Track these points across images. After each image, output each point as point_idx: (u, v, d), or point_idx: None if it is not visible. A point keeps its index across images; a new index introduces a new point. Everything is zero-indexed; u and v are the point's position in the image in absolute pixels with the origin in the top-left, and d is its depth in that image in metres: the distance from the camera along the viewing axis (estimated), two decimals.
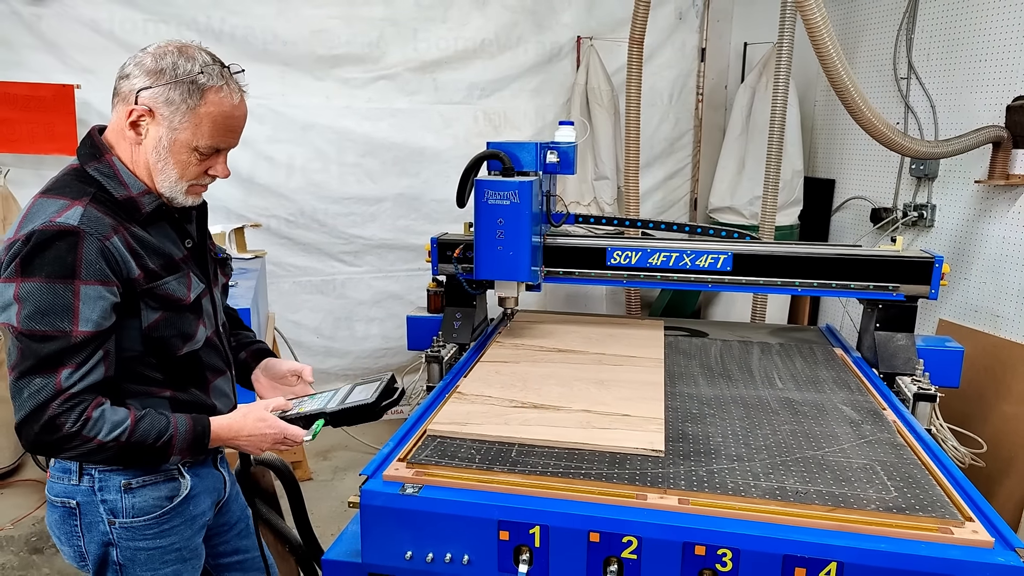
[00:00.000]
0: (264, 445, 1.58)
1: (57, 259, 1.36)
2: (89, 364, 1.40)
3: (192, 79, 1.44)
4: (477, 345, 2.65)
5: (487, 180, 2.39)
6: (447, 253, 2.73)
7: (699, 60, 5.14)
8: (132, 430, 1.43)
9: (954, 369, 2.60)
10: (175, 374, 1.57)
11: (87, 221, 1.40)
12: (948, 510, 1.52)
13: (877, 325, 2.59)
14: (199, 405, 1.62)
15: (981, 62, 3.51)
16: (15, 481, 3.99)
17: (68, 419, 1.37)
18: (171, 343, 1.53)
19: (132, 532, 1.56)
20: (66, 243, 1.37)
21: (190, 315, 1.56)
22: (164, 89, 1.43)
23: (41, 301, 1.36)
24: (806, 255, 2.60)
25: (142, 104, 1.44)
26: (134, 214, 1.49)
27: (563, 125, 2.80)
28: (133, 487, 1.55)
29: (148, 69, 1.44)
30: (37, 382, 1.37)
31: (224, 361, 1.72)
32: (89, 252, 1.38)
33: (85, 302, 1.38)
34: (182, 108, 1.44)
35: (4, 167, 3.99)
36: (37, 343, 1.36)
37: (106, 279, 1.40)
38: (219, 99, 1.47)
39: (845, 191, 4.60)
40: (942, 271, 2.50)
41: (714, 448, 1.81)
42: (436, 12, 4.52)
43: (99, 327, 1.40)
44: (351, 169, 4.52)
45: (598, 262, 2.72)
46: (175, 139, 1.46)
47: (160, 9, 4.08)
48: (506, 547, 1.58)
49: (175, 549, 1.62)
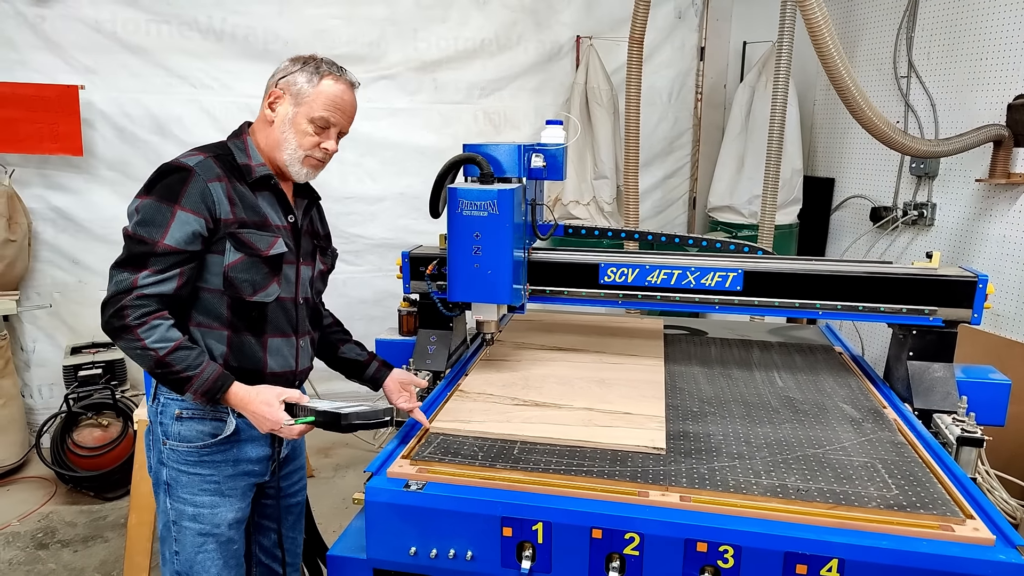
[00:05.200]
0: (263, 426, 1.74)
1: (168, 186, 1.70)
2: (165, 275, 1.68)
3: (316, 64, 1.82)
4: (452, 374, 2.38)
5: (461, 188, 2.05)
6: (420, 269, 2.41)
7: (698, 59, 5.15)
8: (171, 351, 1.66)
9: (999, 405, 2.25)
10: (239, 316, 1.79)
11: (201, 166, 1.73)
12: (949, 508, 1.53)
13: (910, 354, 2.27)
14: (249, 353, 1.82)
15: (982, 60, 3.52)
16: (21, 477, 4.01)
17: (132, 313, 1.65)
18: (243, 286, 1.77)
19: (177, 455, 1.81)
20: (178, 176, 1.71)
21: (265, 267, 1.80)
22: (294, 75, 1.81)
23: (147, 214, 1.68)
24: (829, 273, 2.26)
25: (279, 88, 1.81)
26: (245, 176, 1.81)
27: (551, 124, 2.42)
28: (183, 417, 1.80)
29: (285, 67, 1.84)
30: (124, 275, 1.67)
31: (292, 327, 1.91)
32: (194, 187, 1.70)
33: (177, 223, 1.68)
34: (305, 87, 1.79)
35: (9, 167, 4.01)
36: (135, 244, 1.68)
37: (198, 210, 1.70)
38: (332, 82, 1.82)
39: (845, 190, 4.61)
40: (986, 292, 2.17)
41: (715, 446, 1.82)
42: (436, 12, 4.54)
43: (180, 245, 1.68)
44: (352, 168, 4.53)
45: (590, 280, 2.39)
46: (297, 112, 1.80)
47: (162, 9, 4.10)
48: (509, 543, 1.59)
49: (213, 481, 1.82)
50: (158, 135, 4.20)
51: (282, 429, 1.72)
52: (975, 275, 2.18)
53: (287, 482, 2.06)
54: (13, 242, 3.91)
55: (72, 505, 3.71)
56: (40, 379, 4.34)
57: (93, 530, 3.49)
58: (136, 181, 4.04)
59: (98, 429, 3.81)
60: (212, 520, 1.83)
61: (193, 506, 1.82)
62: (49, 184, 4.14)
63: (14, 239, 3.91)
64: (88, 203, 4.19)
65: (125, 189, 4.17)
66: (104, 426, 3.82)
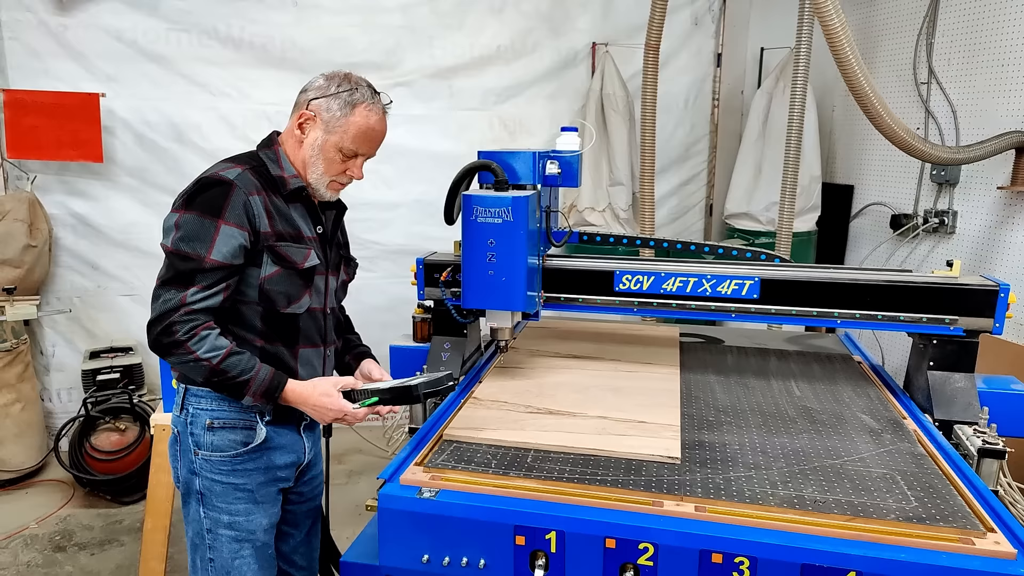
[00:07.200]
0: (326, 417, 1.79)
1: (210, 200, 1.70)
2: (212, 289, 1.69)
3: (350, 92, 1.81)
4: (466, 382, 2.37)
5: (476, 195, 2.05)
6: (434, 275, 2.41)
7: (715, 65, 5.13)
8: (224, 357, 1.69)
9: (1022, 416, 2.22)
10: (272, 328, 1.82)
11: (240, 179, 1.74)
12: (969, 520, 1.50)
13: (931, 364, 2.24)
14: (282, 363, 1.84)
15: (1003, 67, 3.48)
16: (40, 481, 4.05)
17: (182, 328, 1.66)
18: (277, 298, 1.79)
19: (211, 465, 1.82)
20: (220, 190, 1.71)
21: (299, 280, 1.82)
22: (327, 100, 1.80)
23: (191, 229, 1.69)
24: (848, 281, 2.22)
25: (310, 110, 1.81)
26: (280, 188, 1.82)
27: (566, 131, 2.42)
28: (215, 426, 1.81)
29: (320, 86, 1.82)
30: (171, 292, 1.67)
31: (321, 337, 1.95)
32: (236, 200, 1.71)
33: (222, 237, 1.69)
34: (337, 116, 1.80)
35: (31, 173, 4.07)
36: (179, 261, 1.69)
37: (241, 224, 1.72)
38: (366, 113, 1.82)
39: (864, 197, 4.56)
40: (1008, 301, 2.14)
41: (731, 456, 1.80)
42: (453, 20, 4.56)
43: (226, 260, 1.70)
44: (367, 175, 4.47)
45: (605, 287, 2.37)
46: (327, 140, 1.82)
47: (182, 19, 4.15)
48: (522, 552, 1.58)
49: (247, 489, 1.84)
50: (177, 142, 4.25)
51: (346, 416, 1.77)
52: (996, 284, 2.15)
53: (307, 487, 2.08)
54: (34, 247, 3.97)
55: (89, 509, 3.75)
56: (59, 383, 4.40)
57: (109, 534, 3.52)
58: (155, 188, 4.09)
59: (115, 433, 3.85)
60: (247, 527, 1.85)
61: (229, 514, 1.84)
62: (70, 190, 4.21)
63: (35, 245, 3.97)
64: (108, 209, 4.24)
65: (144, 196, 4.23)
66: (122, 430, 3.86)
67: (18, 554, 3.34)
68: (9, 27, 3.93)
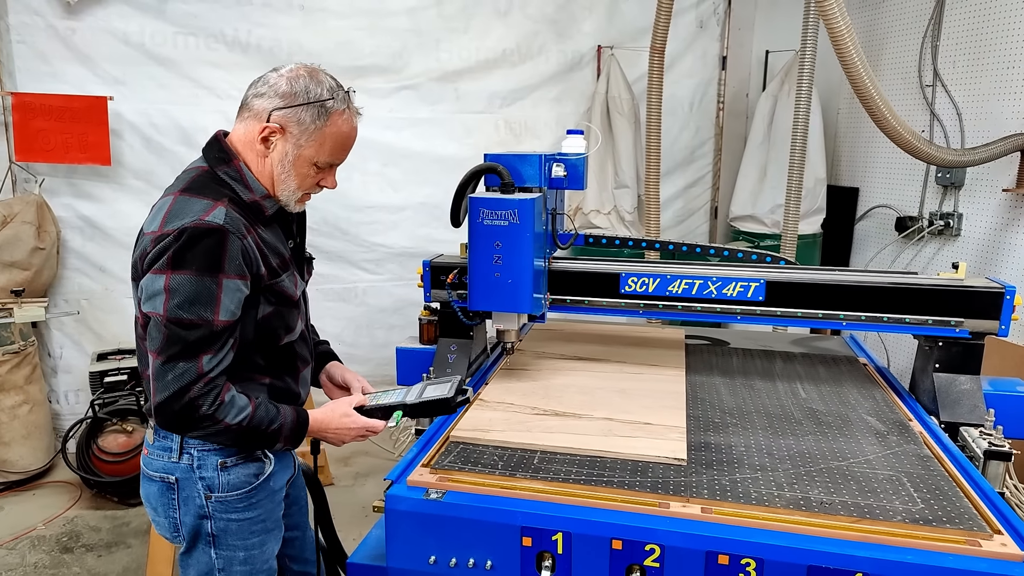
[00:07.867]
0: (347, 438, 1.74)
1: (206, 254, 1.50)
2: (224, 350, 1.56)
3: (321, 103, 1.60)
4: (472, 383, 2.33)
5: (482, 198, 2.06)
6: (440, 278, 2.41)
7: (720, 68, 5.14)
8: (252, 416, 1.59)
9: None
10: (274, 362, 1.74)
11: (230, 220, 1.54)
12: (976, 522, 1.50)
13: (936, 366, 2.24)
14: (290, 392, 1.79)
15: (1008, 69, 3.48)
16: (47, 482, 4.07)
17: (206, 401, 1.52)
18: (276, 333, 1.69)
19: (226, 505, 1.71)
20: (214, 240, 1.51)
21: (295, 310, 1.74)
22: (296, 111, 1.59)
23: (190, 292, 1.49)
24: (852, 283, 2.23)
25: (274, 122, 1.60)
26: (259, 216, 1.65)
27: (571, 134, 2.42)
28: (228, 466, 1.70)
29: (282, 92, 1.60)
30: (181, 366, 1.50)
31: (310, 353, 1.89)
32: (232, 249, 1.53)
33: (226, 293, 1.52)
34: (310, 128, 1.60)
35: (39, 176, 4.09)
36: (184, 330, 1.50)
37: (242, 273, 1.56)
38: (342, 121, 1.63)
39: (869, 199, 4.56)
40: (1014, 303, 2.14)
41: (737, 457, 1.80)
42: (458, 23, 4.58)
43: (234, 316, 1.56)
44: (373, 178, 4.57)
45: (611, 289, 2.37)
46: (300, 154, 1.63)
47: (189, 22, 4.18)
48: (529, 553, 1.58)
49: (261, 520, 1.77)
50: (184, 145, 4.27)
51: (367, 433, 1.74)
52: (1002, 286, 2.16)
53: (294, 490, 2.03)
54: (42, 250, 3.99)
55: (96, 510, 3.77)
56: (66, 385, 4.42)
57: (116, 536, 3.53)
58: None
59: (123, 435, 3.86)
60: (262, 557, 1.80)
61: (244, 550, 1.76)
62: (77, 193, 4.23)
63: (43, 247, 3.99)
64: (115, 212, 4.27)
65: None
66: (129, 432, 3.88)
67: (25, 555, 3.35)
68: (17, 30, 3.96)
